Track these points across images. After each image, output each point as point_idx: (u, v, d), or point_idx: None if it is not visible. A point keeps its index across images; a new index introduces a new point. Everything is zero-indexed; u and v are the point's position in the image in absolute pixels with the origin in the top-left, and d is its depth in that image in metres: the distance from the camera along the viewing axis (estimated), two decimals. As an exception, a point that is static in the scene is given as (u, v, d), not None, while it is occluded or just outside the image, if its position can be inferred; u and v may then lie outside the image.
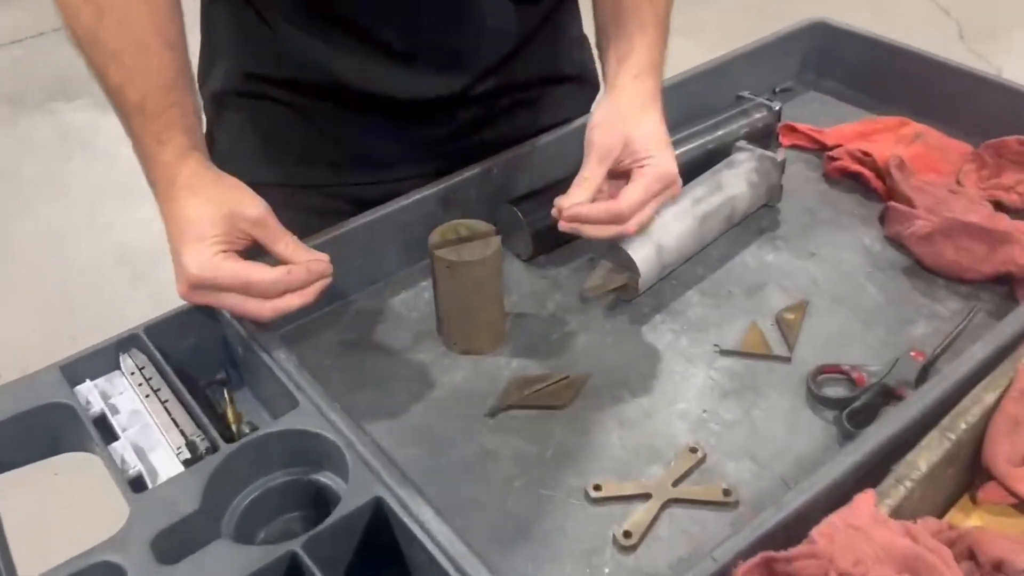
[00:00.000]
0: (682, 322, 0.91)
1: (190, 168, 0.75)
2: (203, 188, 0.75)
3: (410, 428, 0.81)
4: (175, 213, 0.74)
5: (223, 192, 0.76)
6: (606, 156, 0.84)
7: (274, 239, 0.77)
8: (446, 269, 0.82)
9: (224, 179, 0.77)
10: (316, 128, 1.00)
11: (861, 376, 0.83)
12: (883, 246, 1.00)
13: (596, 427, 0.81)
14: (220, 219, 0.74)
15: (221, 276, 0.73)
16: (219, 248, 0.73)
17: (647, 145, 0.84)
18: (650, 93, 0.87)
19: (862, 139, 1.13)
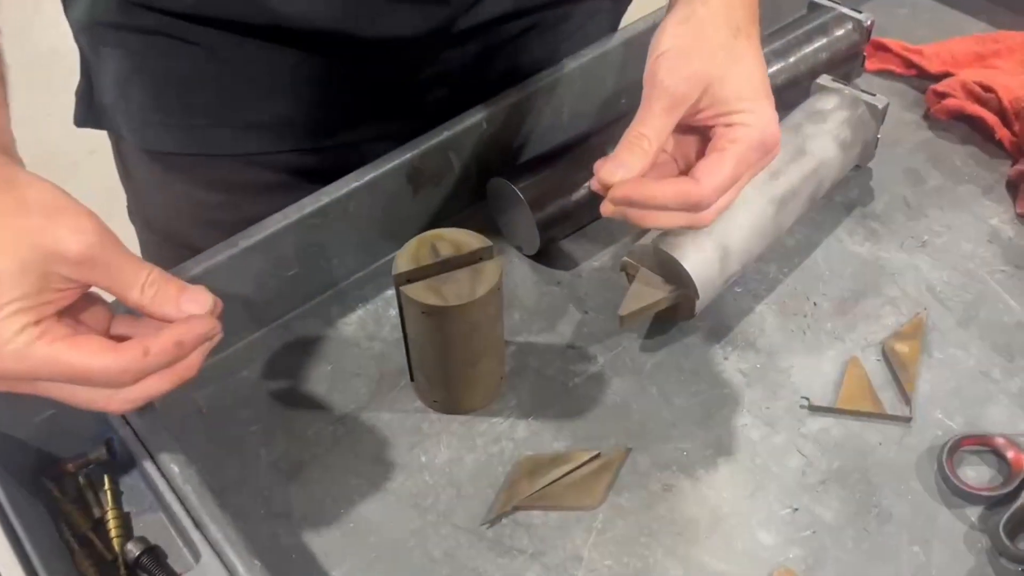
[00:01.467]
0: (753, 356, 0.65)
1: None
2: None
3: (368, 544, 0.56)
4: None
5: (21, 219, 0.44)
6: (678, 104, 0.54)
7: (122, 284, 0.46)
8: (420, 315, 0.55)
9: (24, 190, 0.45)
10: (234, 75, 0.69)
11: (1018, 455, 0.58)
12: (1018, 230, 0.73)
13: (641, 544, 0.56)
14: (17, 272, 0.43)
15: (34, 367, 0.44)
16: (24, 321, 0.43)
17: (741, 93, 0.55)
18: (747, 13, 0.57)
19: (979, 63, 0.84)
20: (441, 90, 0.73)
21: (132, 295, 0.47)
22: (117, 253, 0.46)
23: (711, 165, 0.55)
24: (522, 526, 0.57)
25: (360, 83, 0.70)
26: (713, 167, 0.55)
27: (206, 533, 0.49)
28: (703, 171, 0.55)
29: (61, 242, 0.44)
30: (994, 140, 0.79)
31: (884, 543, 0.56)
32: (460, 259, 0.56)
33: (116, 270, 0.46)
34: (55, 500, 0.58)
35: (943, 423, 0.61)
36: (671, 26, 0.56)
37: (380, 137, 0.71)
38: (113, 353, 0.45)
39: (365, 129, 0.73)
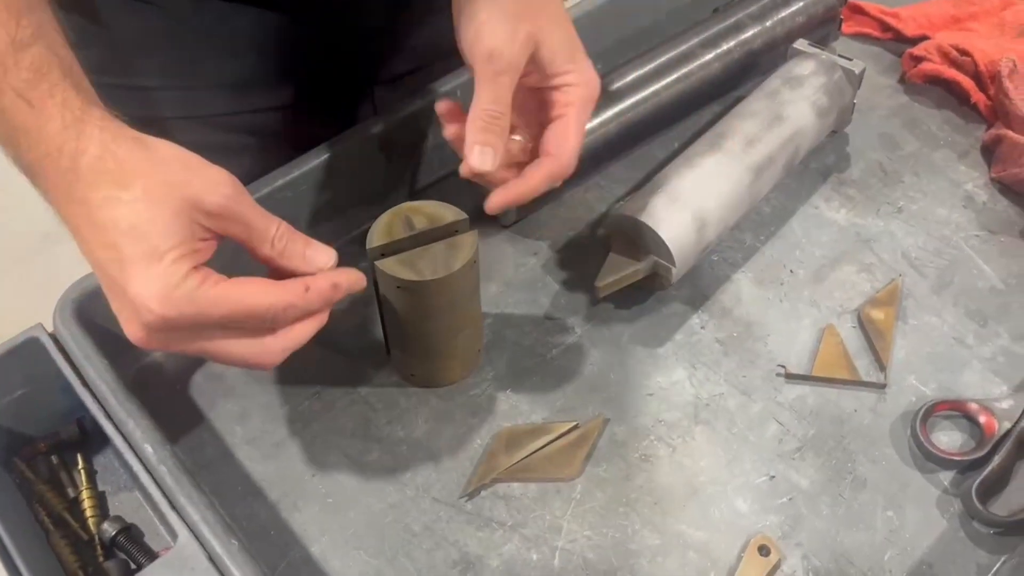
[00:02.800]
0: (729, 325, 0.65)
1: (99, 139, 0.44)
2: (131, 172, 0.44)
3: (347, 520, 0.56)
4: (93, 220, 0.44)
5: (163, 171, 0.44)
6: (515, 71, 0.53)
7: (257, 236, 0.47)
8: (396, 289, 0.55)
9: (156, 148, 0.45)
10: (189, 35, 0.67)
11: (990, 419, 0.59)
12: (992, 195, 0.73)
13: (619, 514, 0.56)
14: (172, 219, 0.43)
15: (204, 309, 0.44)
16: (188, 266, 0.44)
17: (564, 54, 0.55)
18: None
19: (955, 26, 0.84)
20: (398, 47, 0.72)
21: (264, 248, 0.47)
22: (251, 207, 0.46)
23: (560, 135, 0.55)
24: (501, 498, 0.57)
25: (318, 40, 0.69)
26: (562, 136, 0.55)
27: (182, 513, 0.49)
28: (555, 143, 0.55)
29: (202, 195, 0.44)
30: (969, 104, 0.79)
31: (859, 509, 0.56)
32: (435, 232, 0.55)
33: (251, 223, 0.46)
34: (28, 481, 0.57)
35: (917, 389, 0.62)
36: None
37: (340, 95, 0.69)
38: (278, 289, 0.46)
39: (324, 87, 0.71)
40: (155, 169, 0.44)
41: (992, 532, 0.55)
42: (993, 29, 0.83)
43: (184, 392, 0.62)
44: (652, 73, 0.74)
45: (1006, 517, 0.55)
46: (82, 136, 0.43)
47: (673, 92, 0.75)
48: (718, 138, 0.68)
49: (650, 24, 0.81)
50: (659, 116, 0.75)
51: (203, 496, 0.50)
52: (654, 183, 0.66)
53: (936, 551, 0.55)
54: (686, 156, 0.68)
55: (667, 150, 0.76)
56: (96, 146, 0.43)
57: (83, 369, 0.55)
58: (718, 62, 0.76)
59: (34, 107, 0.43)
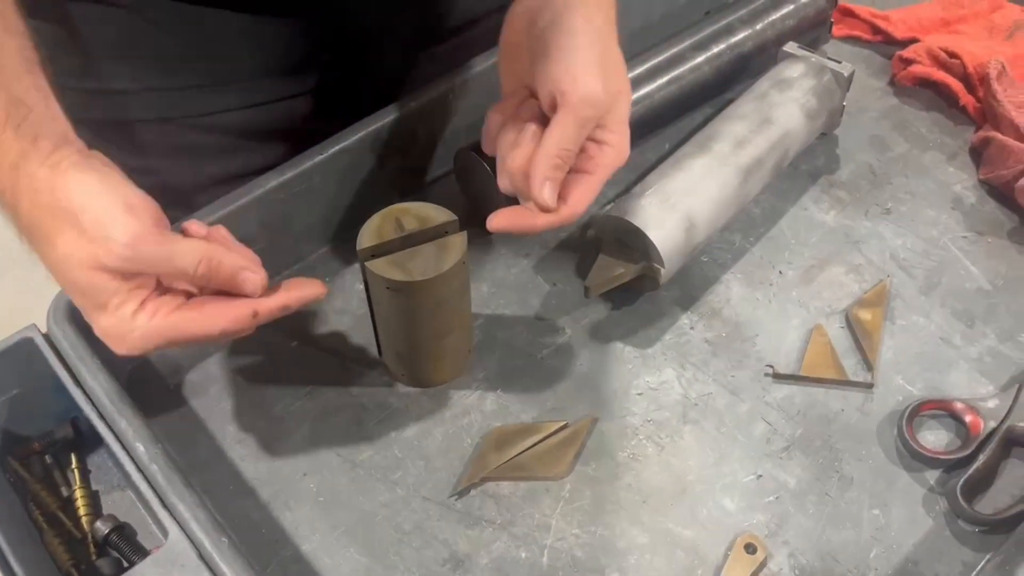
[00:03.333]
0: (718, 325, 0.66)
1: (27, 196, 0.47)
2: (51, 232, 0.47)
3: (338, 518, 0.57)
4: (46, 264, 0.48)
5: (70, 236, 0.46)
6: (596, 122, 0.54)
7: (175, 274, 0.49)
8: (386, 290, 0.55)
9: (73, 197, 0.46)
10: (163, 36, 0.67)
11: (976, 419, 0.60)
12: (980, 196, 0.74)
13: (608, 512, 0.57)
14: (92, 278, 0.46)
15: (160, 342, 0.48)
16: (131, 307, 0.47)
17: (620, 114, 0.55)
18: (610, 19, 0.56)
19: (945, 29, 0.84)
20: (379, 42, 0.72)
21: (182, 284, 0.49)
22: (159, 247, 0.47)
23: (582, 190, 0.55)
24: (491, 497, 0.57)
25: (309, 38, 0.69)
26: (582, 192, 0.55)
27: (174, 512, 0.49)
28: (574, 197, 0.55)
29: (102, 258, 0.46)
30: (958, 106, 0.80)
31: (845, 507, 0.57)
32: (425, 233, 0.55)
33: (160, 267, 0.48)
34: (23, 480, 0.58)
35: (904, 389, 0.62)
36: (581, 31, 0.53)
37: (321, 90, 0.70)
38: (229, 314, 0.49)
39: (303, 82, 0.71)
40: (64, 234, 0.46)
41: (977, 530, 0.56)
42: (982, 32, 0.84)
43: (177, 392, 0.62)
44: (643, 76, 0.75)
45: (991, 515, 0.56)
46: (16, 189, 0.46)
47: (664, 94, 0.75)
48: (708, 140, 0.69)
49: (642, 27, 0.82)
50: (650, 118, 0.75)
51: (194, 495, 0.50)
52: (644, 185, 0.66)
53: (921, 549, 0.55)
54: (676, 158, 0.68)
55: (658, 152, 0.77)
56: (25, 202, 0.46)
57: (76, 369, 0.55)
58: (709, 65, 0.77)
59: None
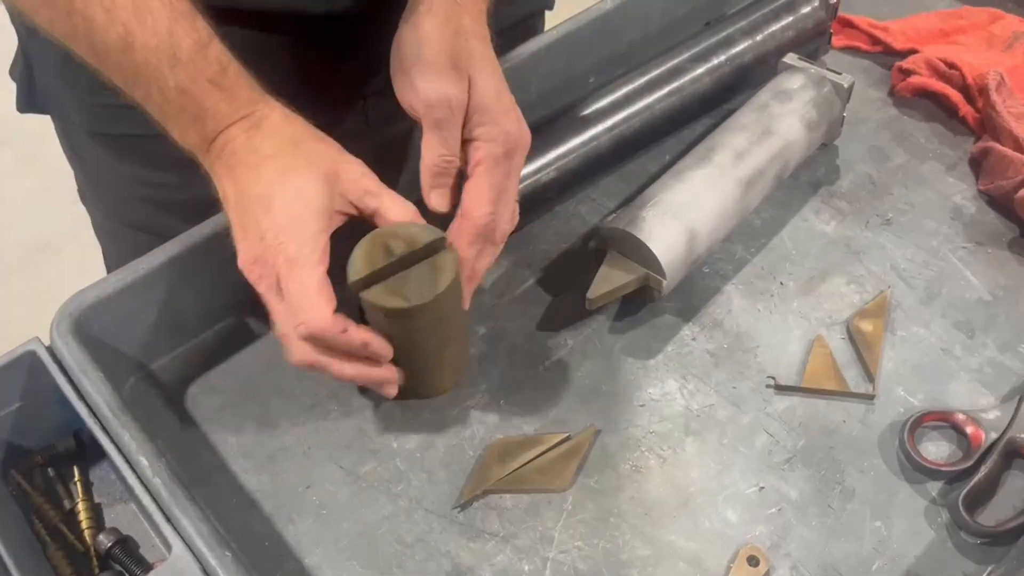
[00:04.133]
0: (719, 337, 0.66)
1: (279, 110, 0.56)
2: (293, 150, 0.54)
3: (341, 531, 0.57)
4: (254, 193, 0.53)
5: (316, 161, 0.54)
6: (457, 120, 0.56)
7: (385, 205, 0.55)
8: (384, 317, 0.55)
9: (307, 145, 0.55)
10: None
11: (977, 430, 0.60)
12: (980, 207, 0.74)
13: (610, 524, 0.57)
14: (322, 185, 0.53)
15: (295, 260, 0.52)
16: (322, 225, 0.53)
17: (484, 103, 0.56)
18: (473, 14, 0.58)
19: (944, 40, 0.85)
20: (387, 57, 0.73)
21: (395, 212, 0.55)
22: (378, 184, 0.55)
23: (472, 195, 0.57)
24: (493, 509, 0.57)
25: (309, 59, 0.69)
26: (474, 196, 0.57)
27: (177, 526, 0.49)
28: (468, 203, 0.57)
29: (345, 165, 0.54)
30: (958, 117, 0.80)
31: (847, 519, 0.57)
32: (415, 254, 0.55)
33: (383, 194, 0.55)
34: (25, 493, 0.58)
35: (905, 400, 0.62)
36: (408, 40, 0.57)
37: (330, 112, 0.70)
38: (324, 311, 0.52)
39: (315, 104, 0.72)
40: (320, 144, 0.55)
41: (979, 542, 0.56)
42: (981, 43, 0.84)
43: (179, 405, 0.62)
44: (644, 87, 0.75)
45: (993, 527, 0.56)
46: (270, 101, 0.55)
47: (665, 106, 0.75)
48: (708, 152, 0.69)
49: (642, 38, 0.82)
50: (651, 130, 0.76)
51: (197, 508, 0.50)
52: (645, 196, 0.67)
53: (924, 561, 0.55)
54: (677, 170, 0.69)
55: (659, 163, 0.77)
56: (279, 114, 0.55)
57: (80, 383, 0.55)
58: (709, 76, 0.77)
59: (226, 90, 0.53)
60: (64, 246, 1.88)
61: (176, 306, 0.63)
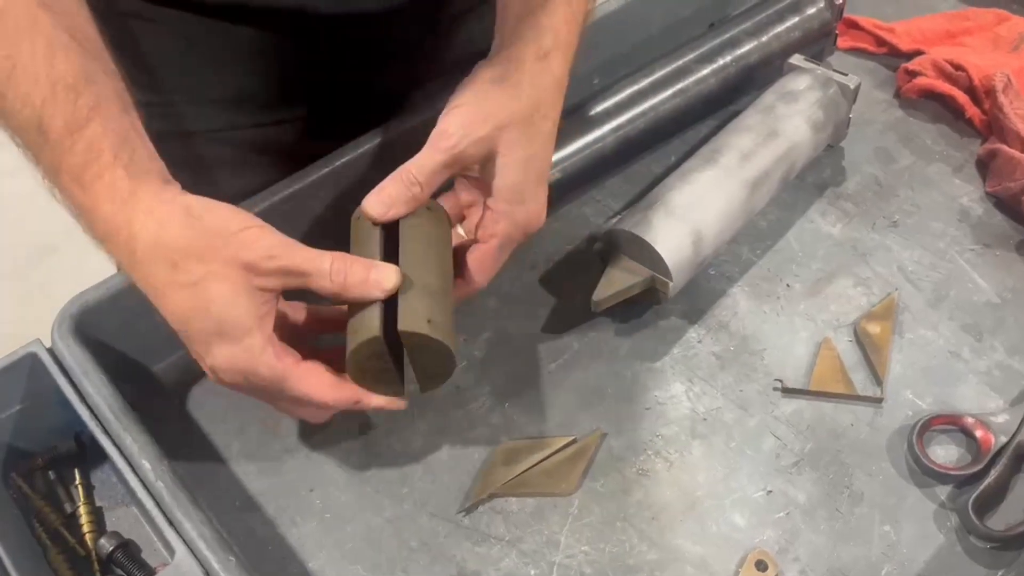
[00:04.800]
0: (725, 339, 0.65)
1: (150, 227, 0.47)
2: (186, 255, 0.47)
3: (345, 535, 0.56)
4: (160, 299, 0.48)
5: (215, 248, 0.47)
6: (458, 163, 0.53)
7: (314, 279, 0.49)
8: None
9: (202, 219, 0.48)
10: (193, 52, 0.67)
11: (987, 434, 0.59)
12: (987, 208, 0.74)
13: (617, 529, 0.56)
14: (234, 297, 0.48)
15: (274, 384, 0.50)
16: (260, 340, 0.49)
17: (509, 177, 0.54)
18: (554, 85, 0.55)
19: (950, 41, 0.84)
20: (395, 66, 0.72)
21: (325, 285, 0.49)
22: (299, 253, 0.49)
23: (479, 262, 0.56)
24: (499, 513, 0.57)
25: (318, 57, 0.69)
26: (480, 265, 0.56)
27: (179, 529, 0.49)
28: (473, 270, 0.56)
29: (256, 261, 0.47)
30: (964, 119, 0.79)
31: (856, 523, 0.56)
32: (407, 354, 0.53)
33: (305, 269, 0.48)
34: (26, 496, 0.57)
35: (914, 403, 0.62)
36: (481, 82, 0.54)
37: (338, 110, 0.70)
38: (337, 393, 0.51)
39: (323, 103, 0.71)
40: (207, 249, 0.47)
41: (989, 546, 0.56)
42: (987, 44, 0.84)
43: (182, 407, 0.62)
44: (649, 88, 0.74)
45: (1003, 531, 0.55)
46: (133, 222, 0.46)
47: (670, 107, 0.75)
48: (714, 153, 0.68)
49: (646, 39, 0.82)
50: (656, 131, 0.75)
51: (200, 512, 0.50)
52: (651, 198, 0.66)
53: (933, 566, 0.55)
54: (683, 171, 0.68)
55: (664, 165, 0.77)
56: (148, 233, 0.46)
57: (81, 385, 0.55)
58: (714, 77, 0.77)
59: (87, 191, 0.46)
60: (64, 247, 1.88)
61: (178, 307, 0.62)
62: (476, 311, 0.66)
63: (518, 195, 0.54)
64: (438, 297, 0.53)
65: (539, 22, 0.54)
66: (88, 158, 0.45)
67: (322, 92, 0.72)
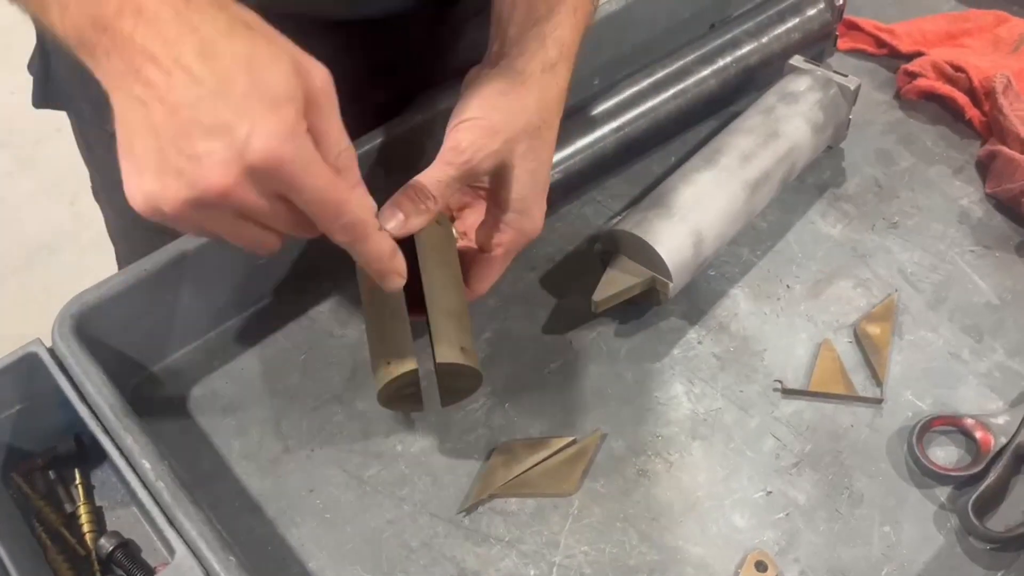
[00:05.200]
0: (726, 340, 0.65)
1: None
2: (251, 19, 0.42)
3: (345, 535, 0.56)
4: (205, 48, 0.40)
5: (281, 47, 0.42)
6: (471, 176, 0.53)
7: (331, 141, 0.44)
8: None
9: (271, 34, 0.43)
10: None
11: (986, 435, 0.59)
12: (987, 210, 0.74)
13: (617, 529, 0.56)
14: (290, 72, 0.41)
15: (302, 170, 0.42)
16: (303, 122, 0.42)
17: (520, 190, 0.54)
18: (559, 96, 0.55)
19: (950, 42, 0.84)
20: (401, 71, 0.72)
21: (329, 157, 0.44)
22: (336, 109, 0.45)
23: (482, 271, 0.57)
24: (499, 514, 0.57)
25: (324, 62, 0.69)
26: (483, 273, 0.57)
27: (180, 529, 0.49)
28: (475, 279, 0.57)
29: (311, 70, 0.43)
30: (964, 120, 0.80)
31: (856, 524, 0.56)
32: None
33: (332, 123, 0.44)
34: (26, 496, 0.57)
35: (914, 404, 0.62)
36: (490, 94, 0.53)
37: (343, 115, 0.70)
38: (364, 199, 0.45)
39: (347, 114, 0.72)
40: (273, 42, 0.42)
41: (988, 548, 0.56)
42: (987, 45, 0.84)
43: (182, 407, 0.62)
44: (649, 89, 0.74)
45: (1002, 533, 0.55)
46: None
47: (670, 108, 0.75)
48: (715, 154, 0.68)
49: (647, 40, 0.82)
50: (656, 131, 0.75)
51: (200, 512, 0.50)
52: (651, 198, 0.66)
53: (933, 567, 0.55)
54: (683, 172, 0.68)
55: (664, 165, 0.77)
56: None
57: (81, 385, 0.55)
58: (715, 78, 0.77)
59: None
60: (64, 247, 1.88)
61: (179, 308, 0.62)
62: (476, 312, 0.66)
63: (525, 206, 0.55)
64: (462, 318, 0.54)
65: (545, 32, 0.54)
66: None
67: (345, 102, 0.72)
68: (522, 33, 0.55)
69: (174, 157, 0.40)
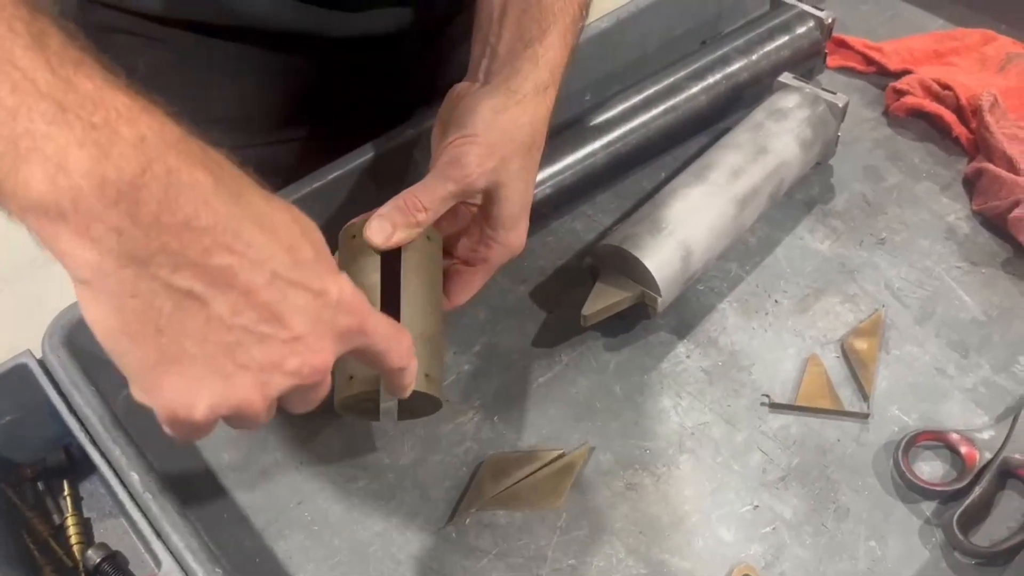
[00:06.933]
0: (714, 354, 0.66)
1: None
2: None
3: (333, 548, 0.56)
4: (262, 220, 0.38)
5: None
6: (466, 193, 0.53)
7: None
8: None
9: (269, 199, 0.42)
10: (197, 71, 0.68)
11: (971, 450, 0.60)
12: (973, 227, 0.74)
13: (604, 543, 0.56)
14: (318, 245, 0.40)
15: (360, 323, 0.41)
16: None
17: (509, 209, 0.55)
18: (546, 117, 0.56)
19: (938, 61, 0.85)
20: (399, 87, 0.73)
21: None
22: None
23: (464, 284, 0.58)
24: (487, 527, 0.57)
25: (324, 79, 0.70)
26: (464, 286, 0.58)
27: (167, 541, 0.49)
28: (455, 291, 0.58)
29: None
30: (951, 137, 0.80)
31: (841, 539, 0.57)
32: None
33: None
34: (14, 507, 0.57)
35: (900, 419, 0.62)
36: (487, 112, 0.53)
37: (342, 130, 0.71)
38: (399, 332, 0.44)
39: (327, 123, 0.72)
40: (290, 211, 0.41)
41: (974, 563, 0.56)
42: (975, 64, 0.85)
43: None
44: (640, 105, 0.75)
45: (987, 548, 0.56)
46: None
47: (660, 124, 0.76)
48: (704, 169, 0.69)
49: (638, 57, 0.82)
50: (646, 147, 0.76)
51: (188, 524, 0.50)
52: (641, 213, 0.67)
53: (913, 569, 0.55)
54: (672, 187, 0.69)
55: (654, 181, 0.77)
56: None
57: (71, 396, 0.55)
58: (705, 95, 0.78)
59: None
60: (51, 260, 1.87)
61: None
62: (466, 324, 0.67)
63: (513, 223, 0.56)
64: (435, 343, 0.53)
65: (538, 54, 0.55)
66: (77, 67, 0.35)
67: (326, 112, 0.73)
68: (514, 53, 0.55)
69: (255, 347, 0.36)
